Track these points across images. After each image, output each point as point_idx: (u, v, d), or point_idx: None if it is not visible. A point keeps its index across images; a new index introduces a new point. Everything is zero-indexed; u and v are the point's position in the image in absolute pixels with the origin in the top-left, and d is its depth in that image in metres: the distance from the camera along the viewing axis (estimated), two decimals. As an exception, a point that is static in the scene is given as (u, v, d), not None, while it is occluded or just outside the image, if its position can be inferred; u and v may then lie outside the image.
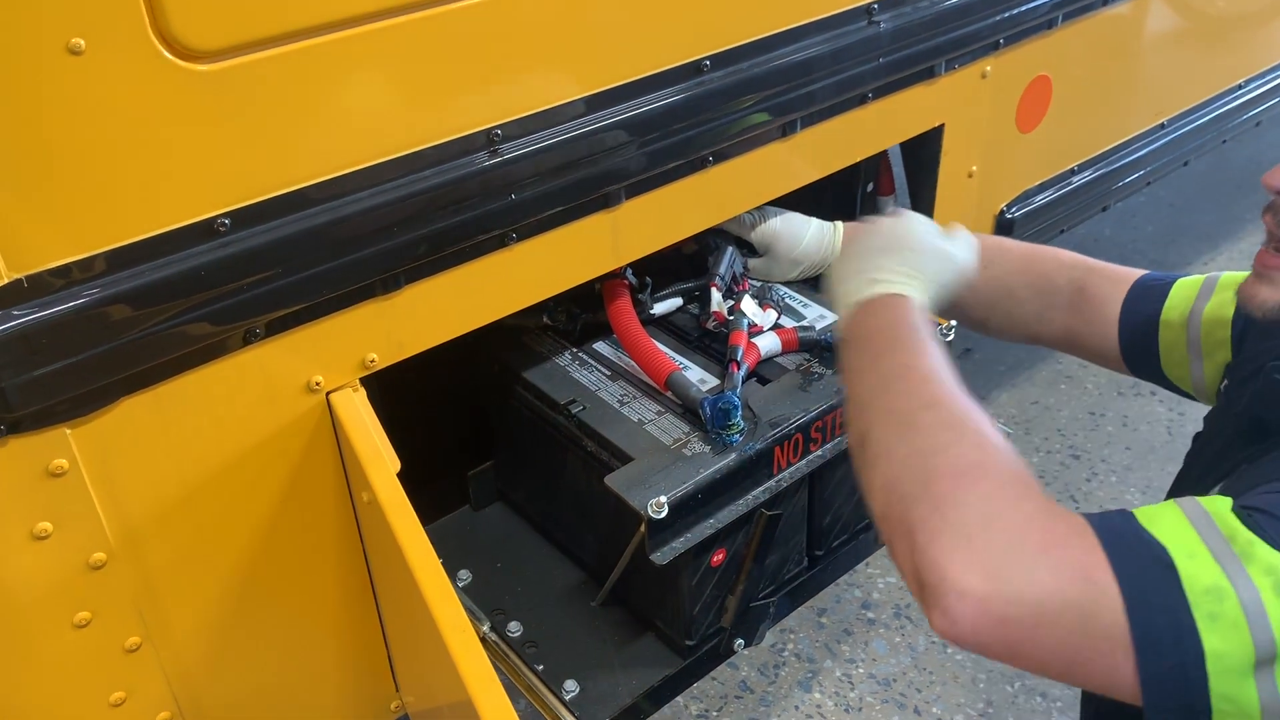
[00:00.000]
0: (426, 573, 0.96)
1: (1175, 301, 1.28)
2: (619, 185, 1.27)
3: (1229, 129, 2.33)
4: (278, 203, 1.02)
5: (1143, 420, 2.85)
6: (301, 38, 0.99)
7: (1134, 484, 2.65)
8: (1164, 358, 1.29)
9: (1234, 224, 3.60)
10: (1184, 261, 3.43)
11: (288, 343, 1.09)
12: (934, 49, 1.52)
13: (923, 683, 2.22)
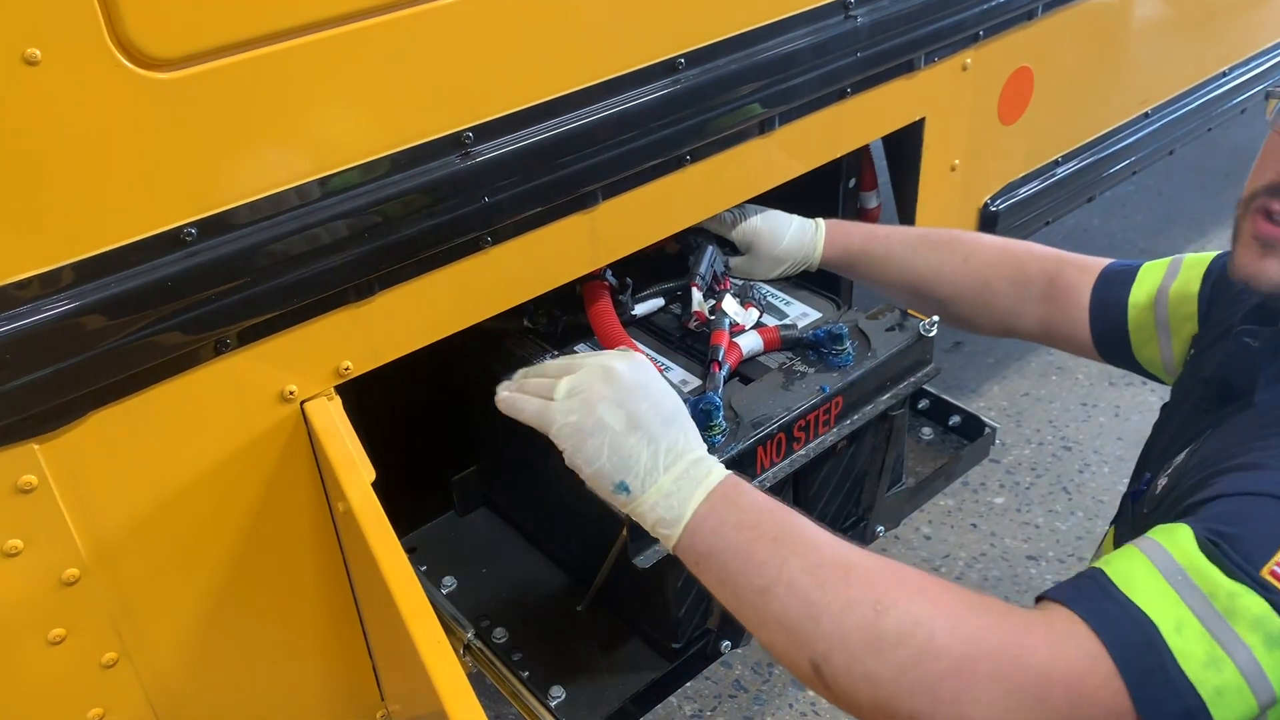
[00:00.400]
0: (401, 583, 0.94)
1: (1142, 284, 1.30)
2: (595, 186, 1.26)
3: (1214, 117, 2.32)
4: (244, 211, 1.01)
5: (1135, 410, 2.84)
6: (265, 44, 0.97)
7: (1126, 474, 2.61)
8: (1134, 339, 1.30)
9: (1223, 211, 3.59)
10: (1173, 250, 3.39)
11: (260, 352, 1.08)
12: (912, 42, 1.51)
13: (917, 679, 2.20)
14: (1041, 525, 2.53)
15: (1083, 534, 2.49)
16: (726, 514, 0.93)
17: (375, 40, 1.04)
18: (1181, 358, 1.26)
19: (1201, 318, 1.23)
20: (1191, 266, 1.25)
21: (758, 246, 1.47)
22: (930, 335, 1.39)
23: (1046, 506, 2.58)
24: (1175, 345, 1.26)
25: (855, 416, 1.35)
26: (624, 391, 0.97)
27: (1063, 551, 2.46)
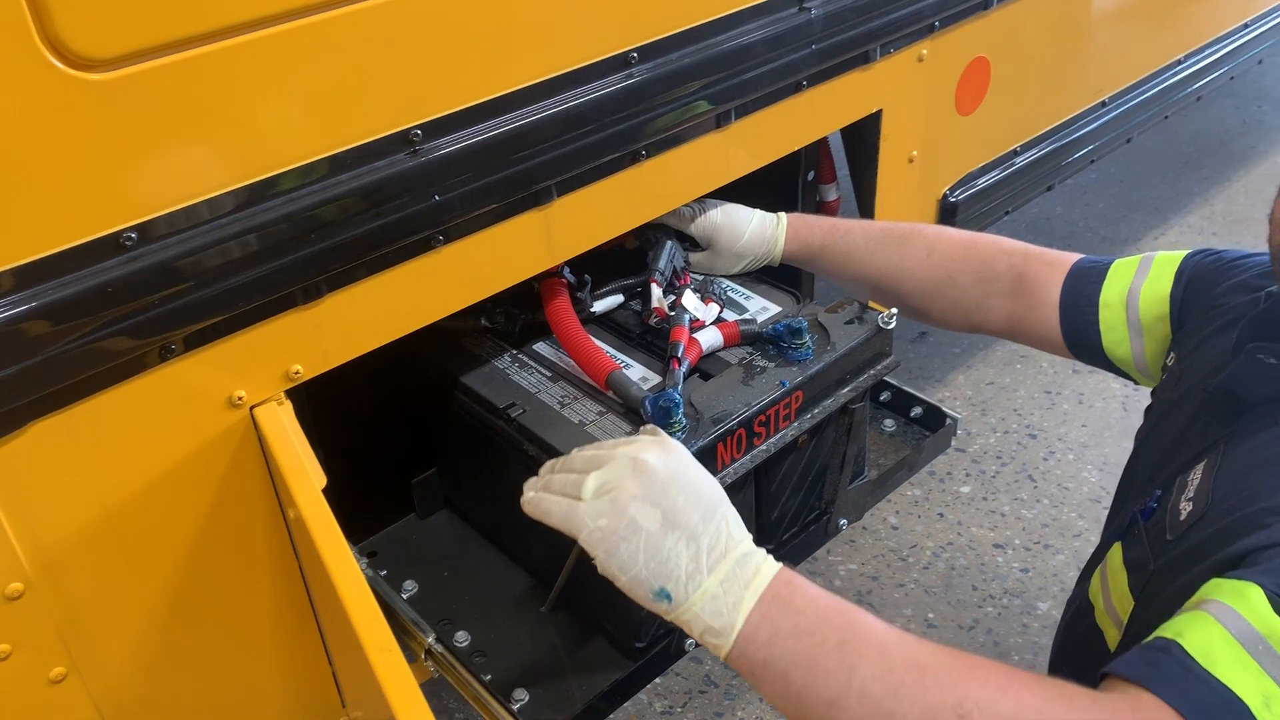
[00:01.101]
0: (351, 591, 0.93)
1: (1113, 282, 1.29)
2: (549, 182, 1.24)
3: (1171, 105, 2.34)
4: (186, 214, 0.99)
5: (1098, 397, 2.86)
6: (204, 42, 0.95)
7: (1091, 460, 2.66)
8: (1105, 338, 1.29)
9: (1183, 197, 3.62)
10: (1135, 237, 3.45)
11: (207, 357, 1.06)
12: (867, 34, 1.51)
13: (886, 669, 2.21)
14: (1008, 513, 2.54)
15: (1048, 521, 2.51)
16: (782, 619, 0.85)
17: (317, 38, 1.02)
18: (1155, 357, 1.26)
19: (1174, 319, 1.22)
20: (1162, 265, 1.25)
21: (718, 242, 1.46)
22: (889, 328, 1.39)
23: (1012, 494, 2.59)
24: (1147, 345, 1.26)
25: (816, 410, 1.35)
26: (658, 487, 0.89)
27: (1029, 539, 2.47)
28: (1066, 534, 2.48)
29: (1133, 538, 1.06)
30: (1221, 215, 3.53)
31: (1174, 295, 1.23)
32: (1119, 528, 1.14)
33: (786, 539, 1.45)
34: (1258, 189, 3.64)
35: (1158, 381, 1.27)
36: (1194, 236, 3.43)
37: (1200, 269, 1.22)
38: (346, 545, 0.98)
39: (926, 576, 2.40)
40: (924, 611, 2.32)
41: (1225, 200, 3.60)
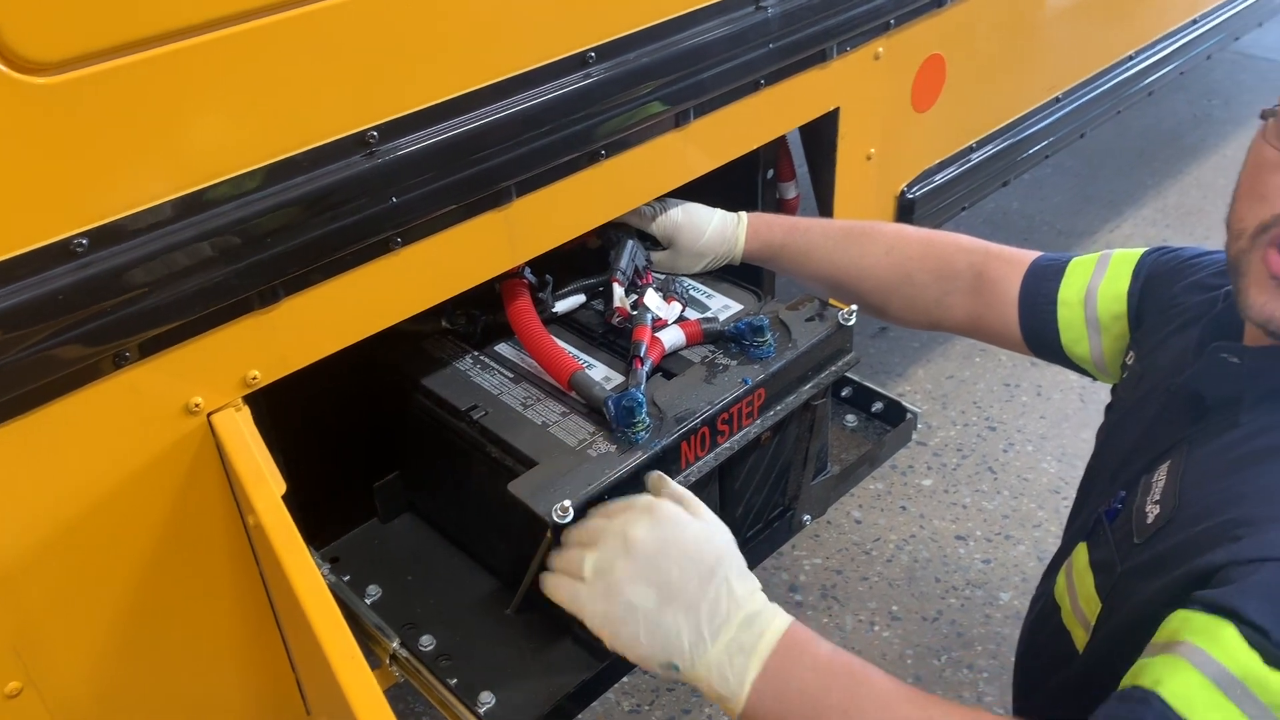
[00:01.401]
0: (313, 599, 0.92)
1: (1071, 280, 1.30)
2: (509, 182, 1.24)
3: (1123, 99, 2.37)
4: (138, 219, 0.97)
5: (1056, 389, 2.90)
6: (154, 45, 0.94)
7: (1049, 452, 2.70)
8: (1063, 335, 1.31)
9: (1136, 190, 3.68)
10: (1090, 230, 3.50)
11: (162, 364, 1.04)
12: (824, 32, 1.51)
13: (852, 663, 2.22)
14: (969, 505, 2.57)
15: (1009, 513, 2.54)
16: (789, 681, 0.87)
17: (272, 40, 1.00)
18: (1114, 355, 1.27)
19: (1132, 318, 1.23)
20: (1120, 264, 1.26)
21: (679, 241, 1.46)
22: (850, 324, 1.39)
23: (973, 486, 2.62)
24: (1106, 343, 1.27)
25: (778, 407, 1.35)
26: (650, 563, 0.90)
27: (990, 530, 2.50)
28: (1027, 525, 2.51)
29: (1098, 539, 1.07)
30: (1174, 208, 3.59)
31: (1132, 293, 1.24)
32: (1082, 527, 1.15)
33: (751, 535, 1.46)
34: (1209, 181, 3.70)
35: (1117, 379, 1.28)
36: (1148, 229, 3.49)
37: (1158, 267, 1.24)
38: (307, 552, 0.97)
39: (890, 569, 2.43)
40: (888, 604, 2.34)
41: (1178, 193, 3.66)
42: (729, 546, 0.94)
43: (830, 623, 2.31)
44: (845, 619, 2.31)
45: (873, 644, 2.25)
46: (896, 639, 2.26)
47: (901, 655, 2.23)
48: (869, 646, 2.25)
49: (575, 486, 1.18)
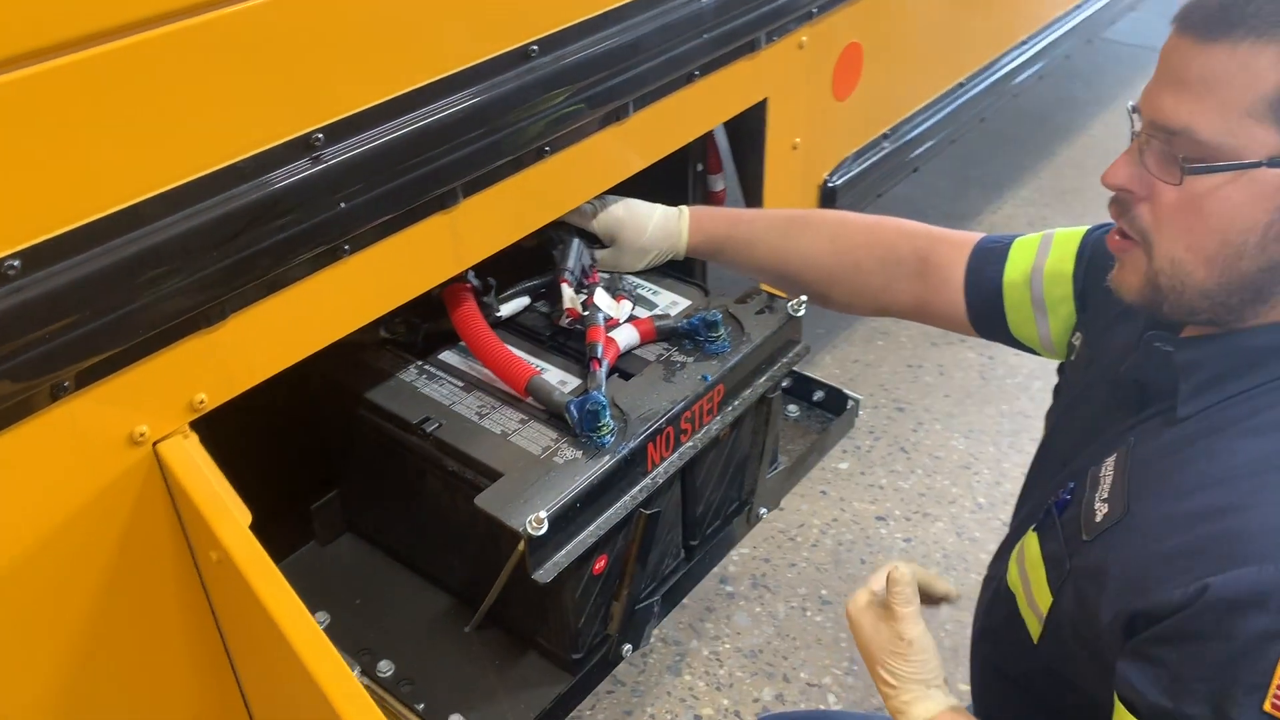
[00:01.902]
0: (299, 631, 0.86)
1: (1015, 262, 1.31)
2: (455, 184, 1.19)
3: (1018, 84, 2.44)
4: (73, 238, 0.89)
5: (956, 368, 2.97)
6: (80, 47, 0.85)
7: (957, 429, 2.77)
8: (1010, 317, 1.32)
9: (1013, 172, 3.81)
10: (974, 212, 3.61)
11: (103, 393, 0.96)
12: (754, 21, 1.50)
13: (787, 649, 2.24)
14: (885, 486, 2.62)
15: (924, 490, 2.59)
16: None
17: (206, 40, 0.93)
18: (1060, 335, 1.29)
19: (1077, 297, 1.25)
20: (1062, 244, 1.27)
21: (622, 237, 1.43)
22: (799, 315, 1.39)
23: (888, 467, 2.67)
24: (1052, 324, 1.29)
25: (736, 402, 1.34)
26: None
27: (908, 509, 2.55)
28: (942, 501, 2.57)
29: (1048, 530, 1.08)
30: (1049, 187, 3.73)
31: (1076, 275, 1.25)
32: (1031, 514, 1.16)
33: (710, 533, 1.44)
34: (1079, 160, 3.87)
35: (1064, 358, 1.30)
36: (1027, 208, 3.62)
37: (1100, 245, 1.25)
38: (284, 582, 0.90)
39: (816, 554, 2.45)
40: (817, 589, 2.36)
41: (1051, 173, 3.81)
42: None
43: (763, 611, 2.32)
44: (778, 607, 2.33)
45: (807, 630, 2.27)
46: (829, 623, 2.29)
47: (836, 640, 2.25)
48: (803, 633, 2.26)
49: (546, 496, 1.15)
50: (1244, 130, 0.88)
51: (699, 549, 1.43)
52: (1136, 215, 0.96)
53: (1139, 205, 0.96)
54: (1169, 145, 0.91)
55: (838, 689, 2.17)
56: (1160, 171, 0.93)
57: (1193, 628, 0.86)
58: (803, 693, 2.16)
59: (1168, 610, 0.88)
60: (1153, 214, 0.95)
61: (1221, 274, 0.93)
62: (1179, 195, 0.92)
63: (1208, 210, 0.91)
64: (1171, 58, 0.92)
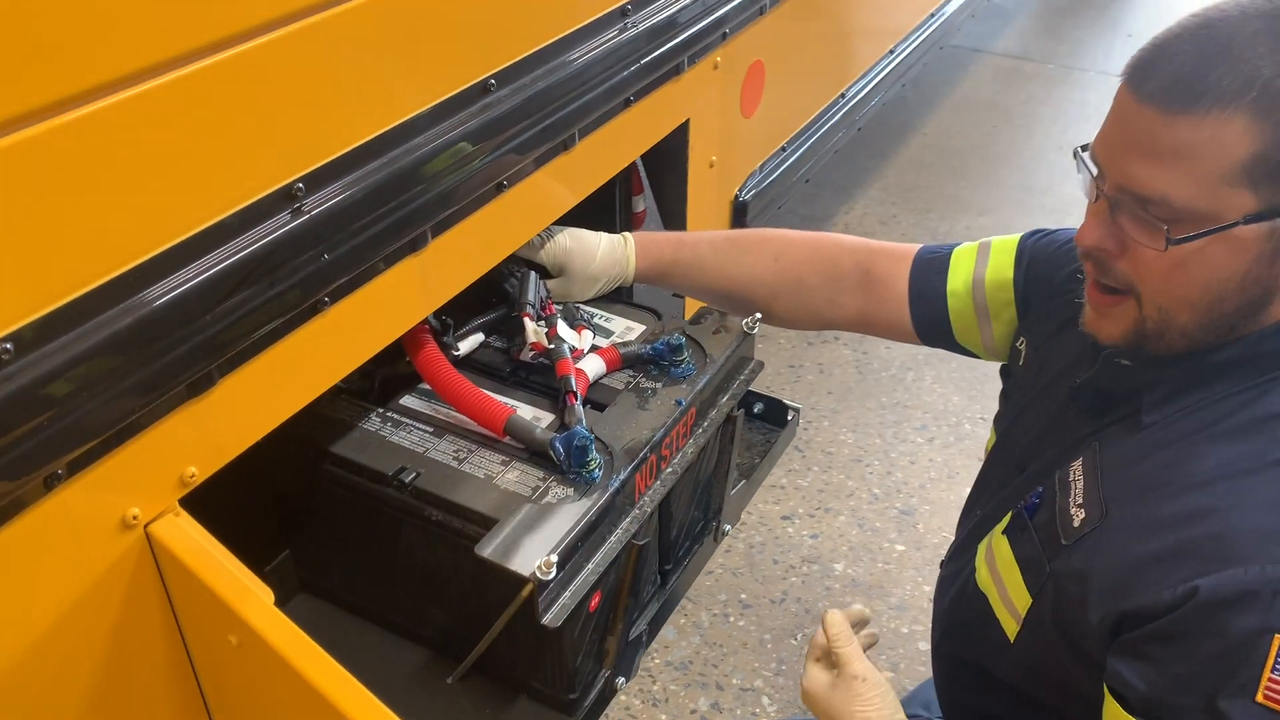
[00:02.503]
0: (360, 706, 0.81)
1: (957, 270, 1.36)
2: (426, 225, 1.15)
3: (887, 91, 2.56)
4: (59, 317, 0.81)
5: (835, 365, 3.08)
6: (57, 113, 0.78)
7: (844, 424, 2.86)
8: (955, 325, 1.37)
9: (860, 173, 3.98)
10: (828, 214, 3.74)
11: (94, 478, 0.88)
12: (680, 45, 1.52)
13: (716, 657, 2.27)
14: (786, 485, 2.69)
15: (822, 486, 2.68)
16: None
17: (178, 99, 0.87)
18: (1002, 340, 1.34)
19: (1019, 302, 1.30)
20: (1000, 252, 1.33)
21: (571, 267, 1.42)
22: (754, 332, 1.42)
23: (785, 467, 2.74)
24: (996, 329, 1.34)
25: (705, 423, 1.35)
26: None
27: (810, 506, 2.63)
28: (841, 495, 2.66)
29: (1020, 534, 1.12)
30: (896, 185, 3.92)
31: (1016, 282, 1.31)
32: (991, 516, 1.20)
33: (682, 555, 1.45)
34: (917, 158, 4.08)
35: (1005, 360, 1.36)
36: (878, 207, 3.79)
37: (1036, 252, 1.32)
38: (334, 662, 0.85)
39: (730, 559, 2.49)
40: (737, 594, 2.40)
41: (895, 172, 4.00)
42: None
43: (688, 622, 2.34)
44: (700, 616, 2.35)
45: (732, 636, 2.31)
46: (752, 626, 2.33)
47: (761, 641, 2.30)
48: (729, 639, 2.30)
49: (548, 538, 1.13)
50: (1219, 196, 0.89)
51: (673, 572, 1.43)
52: (1119, 271, 0.98)
53: (1117, 261, 0.98)
54: (1144, 211, 0.93)
55: (770, 690, 2.21)
56: (1142, 237, 0.94)
57: (1184, 627, 0.91)
58: (737, 698, 2.19)
59: (1158, 611, 0.92)
60: (1135, 270, 0.97)
61: (1204, 316, 0.96)
62: (1161, 256, 0.93)
63: (1191, 266, 0.93)
64: (1134, 124, 0.92)
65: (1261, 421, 0.96)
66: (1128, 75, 0.94)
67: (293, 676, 0.85)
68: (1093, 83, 4.61)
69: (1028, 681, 1.13)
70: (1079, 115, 4.35)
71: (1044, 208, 3.75)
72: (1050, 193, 3.84)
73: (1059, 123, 4.30)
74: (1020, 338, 1.31)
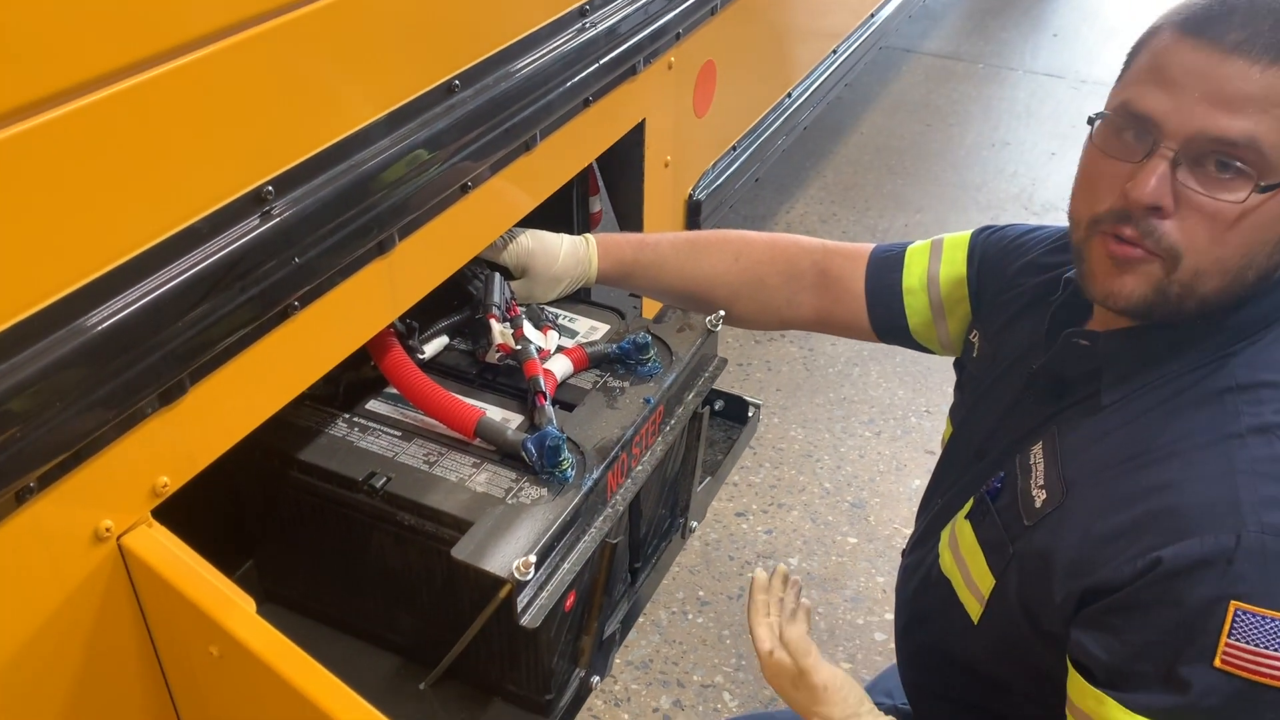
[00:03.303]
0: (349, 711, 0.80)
1: (911, 268, 1.39)
2: (393, 228, 1.14)
3: (831, 91, 2.59)
4: (26, 329, 0.79)
5: (782, 362, 3.11)
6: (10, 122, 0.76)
7: (794, 420, 2.89)
8: (911, 322, 1.39)
9: (799, 172, 4.02)
10: (769, 213, 3.78)
11: (66, 491, 0.86)
12: (637, 45, 1.53)
13: (676, 655, 2.28)
14: (739, 482, 2.71)
15: (774, 482, 2.70)
16: None
17: (157, 96, 0.85)
18: (957, 334, 1.36)
19: (973, 297, 1.33)
20: (953, 249, 1.35)
21: (534, 267, 1.41)
22: (717, 329, 1.43)
23: (738, 464, 2.75)
24: (951, 324, 1.36)
25: (673, 421, 1.36)
26: None
27: (763, 502, 2.65)
28: (793, 490, 2.68)
29: (983, 518, 1.14)
30: (833, 184, 3.97)
31: (970, 277, 1.34)
32: (952, 504, 1.23)
33: (650, 552, 1.45)
34: (855, 158, 4.13)
35: (959, 354, 1.39)
36: (817, 206, 3.83)
37: (988, 248, 1.34)
38: (323, 669, 0.84)
39: (686, 557, 2.50)
40: (694, 591, 2.42)
41: (833, 170, 4.05)
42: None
43: (646, 621, 2.34)
44: (659, 614, 2.36)
45: (691, 632, 2.32)
46: (711, 623, 2.34)
47: (720, 638, 2.31)
48: (688, 636, 2.31)
49: (525, 539, 1.12)
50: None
51: (642, 570, 1.44)
52: (1162, 231, 0.95)
53: (1165, 221, 0.95)
54: (1227, 160, 0.91)
55: (731, 686, 2.23)
56: (1215, 190, 0.92)
57: (1144, 597, 0.93)
58: (699, 695, 2.20)
59: (1120, 584, 0.95)
60: (1182, 230, 0.94)
61: (1230, 284, 0.96)
62: (1222, 212, 0.92)
63: (1242, 226, 0.92)
64: (1217, 75, 0.91)
65: (1217, 394, 0.99)
66: (1194, 28, 0.93)
67: (281, 685, 0.84)
68: (1021, 81, 4.72)
69: (992, 663, 1.15)
70: (1009, 113, 4.45)
71: (978, 204, 3.83)
72: (984, 189, 3.93)
73: (990, 120, 4.39)
74: (973, 330, 1.33)
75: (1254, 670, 0.88)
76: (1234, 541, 0.90)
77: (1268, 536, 0.89)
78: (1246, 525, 0.90)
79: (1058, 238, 1.28)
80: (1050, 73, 4.81)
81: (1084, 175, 1.04)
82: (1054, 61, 4.91)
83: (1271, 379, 0.99)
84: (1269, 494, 0.92)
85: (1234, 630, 0.89)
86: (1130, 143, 0.97)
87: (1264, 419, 0.96)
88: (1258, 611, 0.88)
